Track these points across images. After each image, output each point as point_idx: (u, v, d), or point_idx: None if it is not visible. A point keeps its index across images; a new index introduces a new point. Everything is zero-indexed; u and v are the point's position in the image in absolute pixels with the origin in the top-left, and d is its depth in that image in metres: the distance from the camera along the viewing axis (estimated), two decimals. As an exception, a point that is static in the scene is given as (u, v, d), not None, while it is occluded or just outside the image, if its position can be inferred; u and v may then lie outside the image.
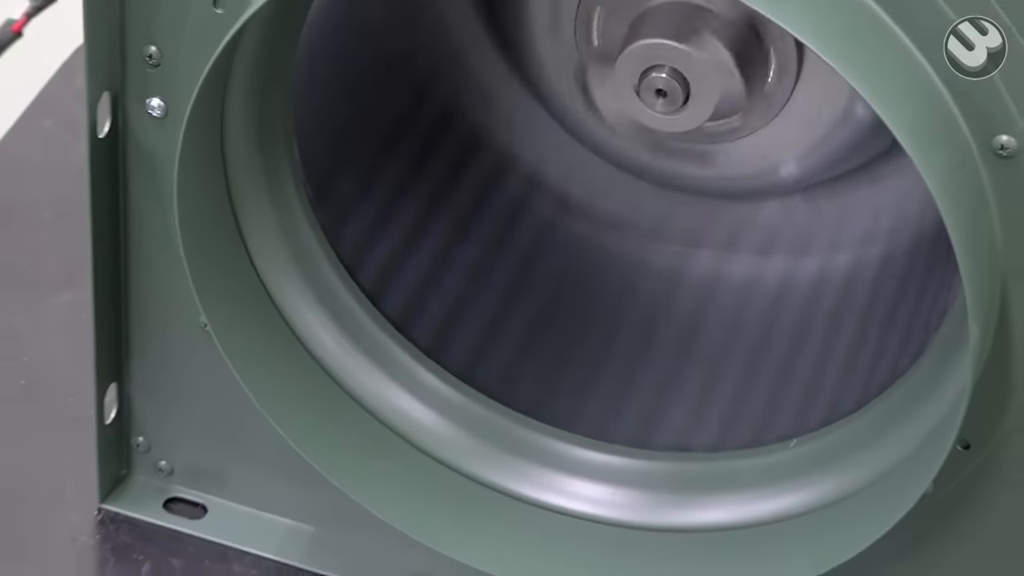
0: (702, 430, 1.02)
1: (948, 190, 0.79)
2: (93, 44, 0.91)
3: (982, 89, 0.80)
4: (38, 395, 1.10)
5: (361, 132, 1.05)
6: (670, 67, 0.91)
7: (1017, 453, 0.88)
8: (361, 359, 1.00)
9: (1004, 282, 0.84)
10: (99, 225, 0.96)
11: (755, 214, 1.08)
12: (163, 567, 1.02)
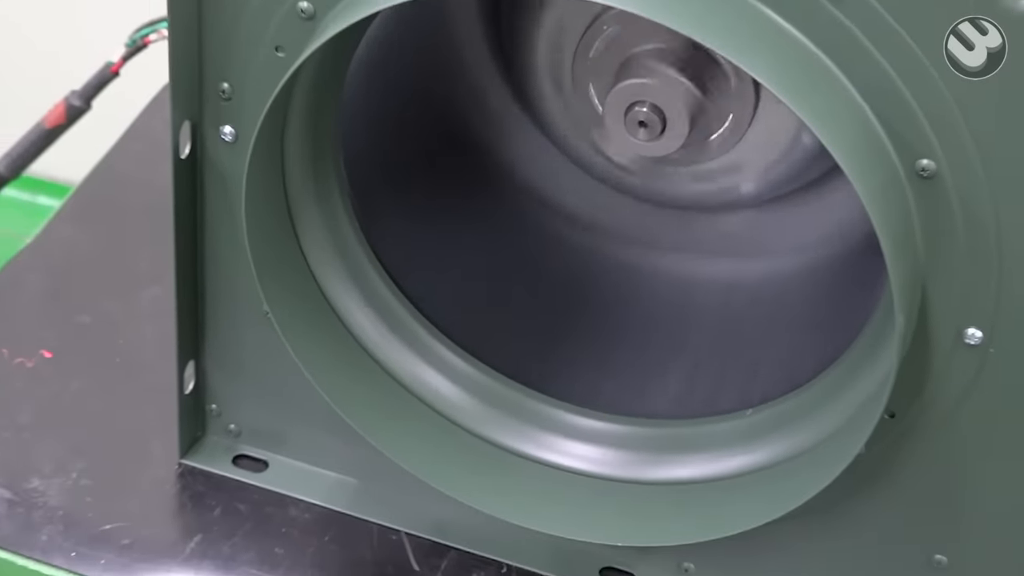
0: (672, 400, 1.01)
1: (879, 205, 0.79)
2: (176, 81, 0.91)
3: (907, 119, 0.80)
4: (131, 370, 1.10)
5: (395, 153, 1.04)
6: (649, 103, 0.91)
7: (933, 422, 0.88)
8: (393, 340, 1.00)
9: (924, 281, 0.84)
10: (181, 231, 0.97)
11: (718, 223, 1.07)
12: (231, 511, 1.03)
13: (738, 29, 0.79)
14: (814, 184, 1.02)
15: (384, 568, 1.00)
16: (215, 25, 0.90)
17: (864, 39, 0.79)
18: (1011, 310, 0.84)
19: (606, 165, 1.07)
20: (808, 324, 1.02)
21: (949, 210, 0.81)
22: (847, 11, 0.78)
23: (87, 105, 1.15)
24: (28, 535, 1.00)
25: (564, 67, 1.01)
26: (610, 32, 0.96)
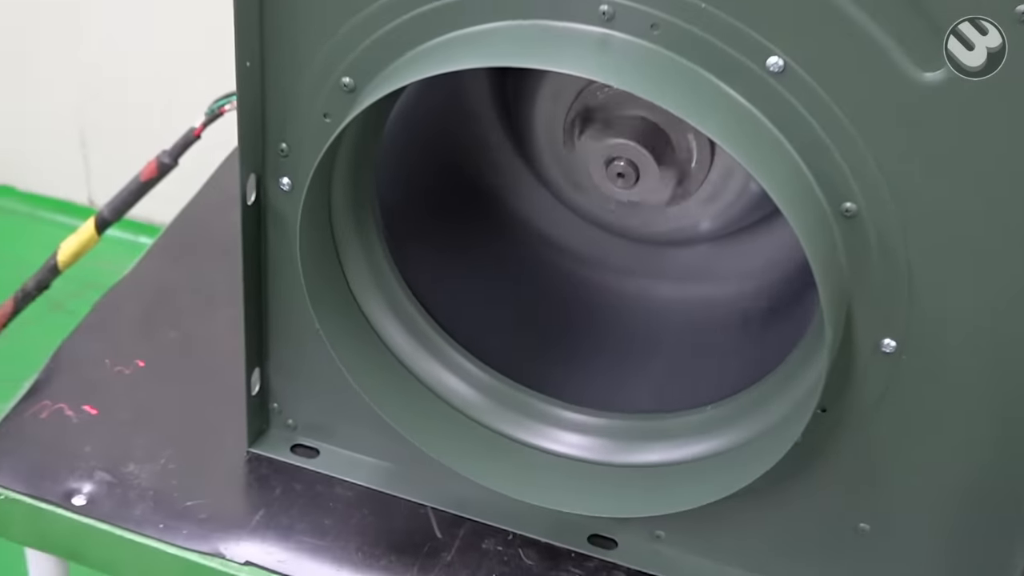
0: (645, 397, 1.01)
1: (812, 240, 0.80)
2: (244, 142, 0.92)
3: (833, 170, 0.80)
4: (209, 376, 1.11)
5: (421, 198, 1.04)
6: (626, 159, 0.91)
7: (856, 415, 0.88)
8: (420, 350, 1.00)
9: (848, 300, 0.84)
10: (248, 263, 0.97)
11: (682, 255, 1.07)
12: (289, 490, 1.03)
13: (699, 99, 0.80)
14: (759, 223, 1.02)
15: (413, 536, 1.00)
16: (275, 97, 0.91)
17: (800, 107, 0.79)
18: (918, 324, 0.84)
19: (591, 208, 1.07)
20: (755, 335, 1.01)
21: (867, 242, 0.82)
22: (786, 85, 0.79)
23: (174, 162, 1.16)
24: (124, 511, 1.00)
25: (557, 129, 1.01)
26: (595, 100, 0.96)
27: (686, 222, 1.03)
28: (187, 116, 1.15)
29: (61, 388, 1.09)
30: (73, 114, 2.41)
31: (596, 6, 0.80)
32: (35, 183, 2.51)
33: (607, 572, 0.99)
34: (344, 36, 0.86)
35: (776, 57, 0.78)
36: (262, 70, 0.90)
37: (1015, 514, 0.88)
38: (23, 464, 1.03)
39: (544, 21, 0.81)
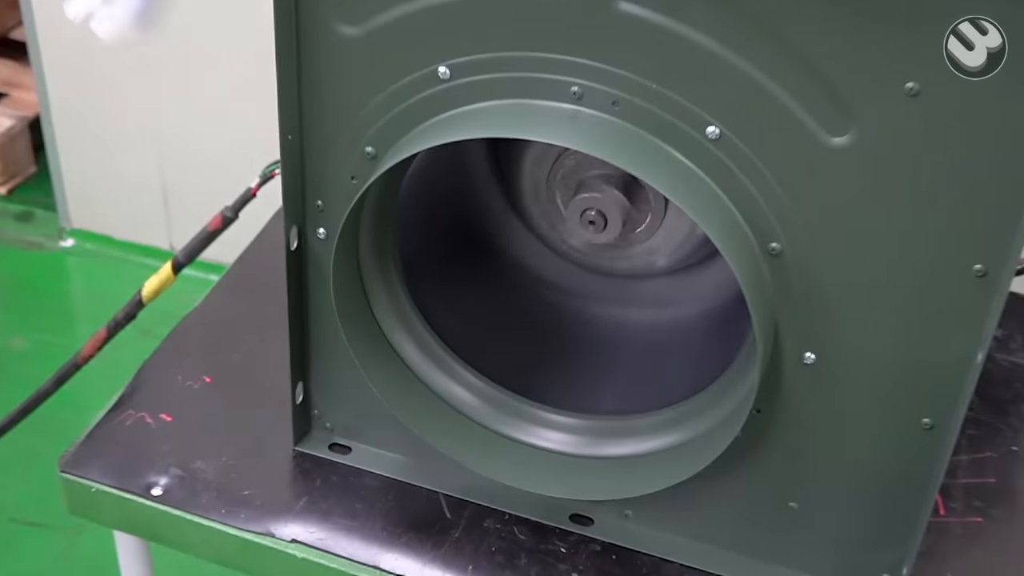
0: (614, 402, 1.00)
1: (746, 274, 0.80)
2: (288, 200, 0.92)
3: (762, 217, 0.80)
4: (263, 389, 1.10)
5: (431, 242, 1.04)
6: (596, 209, 0.91)
7: (785, 414, 0.88)
8: (431, 365, 1.00)
9: (776, 321, 0.84)
10: (292, 297, 0.97)
11: (643, 285, 1.07)
12: (327, 481, 1.02)
13: (652, 161, 0.80)
14: (704, 260, 1.01)
15: (427, 517, 1.00)
16: (311, 164, 0.91)
17: (733, 167, 0.80)
18: (832, 340, 0.84)
19: (568, 249, 1.06)
20: (704, 350, 1.01)
21: (790, 275, 0.82)
22: (722, 149, 0.79)
23: (235, 215, 1.14)
24: (193, 499, 1.00)
25: (540, 186, 1.01)
26: (570, 163, 0.96)
27: (646, 260, 1.02)
28: (245, 177, 1.15)
29: (142, 400, 1.09)
30: (157, 177, 2.41)
31: (568, 87, 0.80)
32: (127, 232, 2.51)
33: (585, 545, 0.98)
34: (366, 115, 0.87)
35: (713, 127, 0.78)
36: (301, 143, 0.90)
37: (914, 491, 0.88)
38: (111, 462, 1.03)
39: (527, 100, 0.82)
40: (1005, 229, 0.76)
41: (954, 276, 0.78)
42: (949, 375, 0.82)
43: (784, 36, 0.74)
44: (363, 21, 0.83)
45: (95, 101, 2.37)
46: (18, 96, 2.69)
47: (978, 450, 1.09)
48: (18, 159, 2.65)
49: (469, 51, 0.82)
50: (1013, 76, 0.71)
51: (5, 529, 1.93)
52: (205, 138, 2.31)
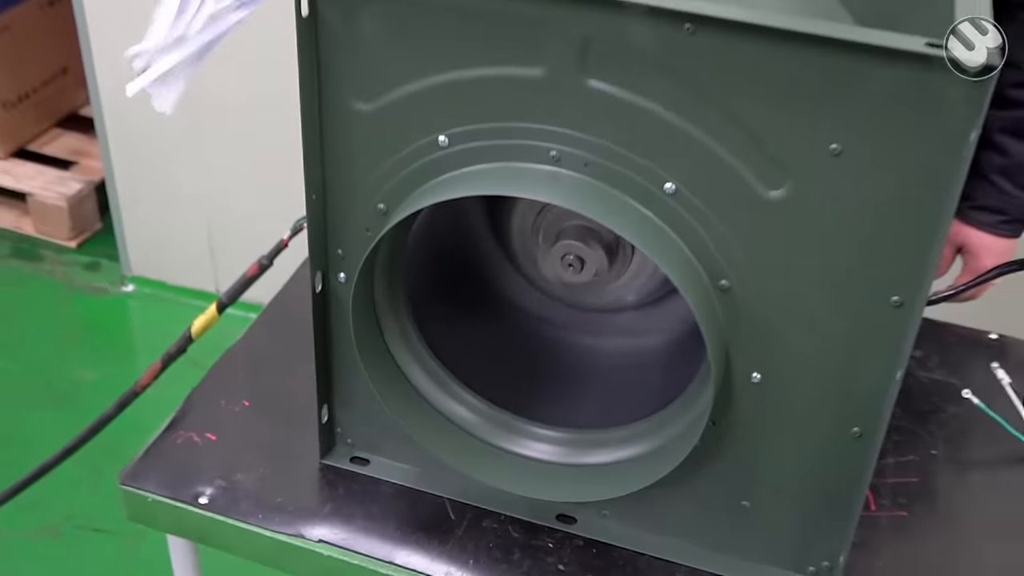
0: (591, 417, 0.99)
1: (700, 307, 0.81)
2: (313, 249, 0.93)
3: (712, 258, 0.80)
4: (293, 411, 1.09)
5: (435, 282, 1.03)
6: (574, 254, 0.92)
7: (737, 425, 0.88)
8: (436, 388, 0.99)
9: (727, 346, 0.84)
10: (318, 333, 0.97)
11: (616, 318, 1.06)
12: (349, 489, 1.02)
13: (620, 214, 0.81)
14: (665, 297, 1.01)
15: (434, 518, 0.99)
16: (333, 219, 0.91)
17: (688, 217, 0.80)
18: (776, 362, 0.84)
19: (551, 288, 1.06)
20: (667, 372, 1.00)
21: (738, 307, 0.82)
22: (678, 202, 0.79)
23: (271, 263, 1.14)
24: (234, 506, 1.00)
25: (527, 235, 1.01)
26: (551, 216, 0.96)
27: (617, 297, 1.02)
28: (278, 231, 1.15)
29: (191, 422, 1.09)
30: (204, 231, 2.41)
31: (547, 152, 0.81)
32: (179, 278, 2.51)
33: (569, 540, 0.98)
34: (378, 178, 0.87)
35: (670, 183, 0.79)
36: (324, 201, 0.90)
37: (847, 490, 0.87)
38: (165, 476, 1.03)
39: (513, 163, 0.82)
40: (917, 266, 0.76)
41: (875, 306, 0.78)
42: (874, 390, 0.82)
43: (727, 107, 0.75)
44: (375, 99, 0.84)
45: (151, 167, 2.38)
46: (86, 164, 2.70)
47: (903, 454, 1.08)
48: (86, 217, 2.65)
49: (464, 123, 0.82)
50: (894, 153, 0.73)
51: (75, 535, 1.93)
52: (245, 197, 2.31)
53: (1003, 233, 1.25)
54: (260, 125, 2.20)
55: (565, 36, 0.76)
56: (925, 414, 1.14)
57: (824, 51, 0.70)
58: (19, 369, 2.28)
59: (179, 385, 1.17)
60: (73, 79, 2.75)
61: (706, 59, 0.73)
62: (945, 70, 0.68)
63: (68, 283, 2.54)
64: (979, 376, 1.14)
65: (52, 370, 2.28)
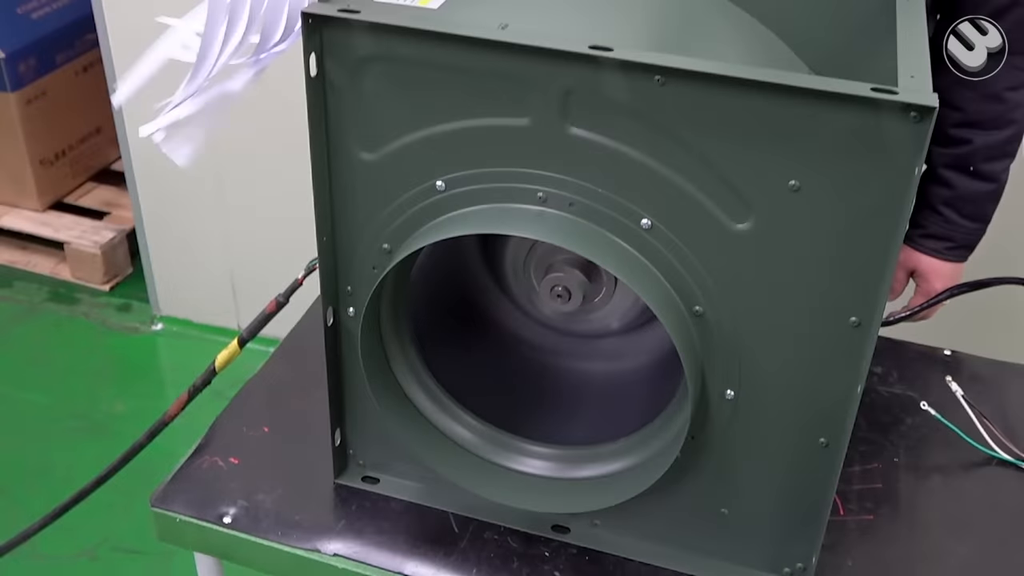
0: (581, 434, 0.99)
1: (676, 331, 0.81)
2: (325, 286, 0.93)
3: (687, 286, 0.80)
4: (309, 435, 1.09)
5: (435, 313, 1.02)
6: (562, 286, 0.92)
7: (713, 439, 0.88)
8: (438, 410, 0.98)
9: (702, 366, 0.84)
10: (330, 361, 0.97)
11: (601, 343, 1.06)
12: (360, 506, 1.02)
13: (601, 248, 0.81)
14: (646, 323, 1.01)
15: (439, 532, 0.99)
16: (342, 258, 0.91)
17: (663, 249, 0.80)
18: (747, 379, 0.84)
19: (542, 316, 1.05)
20: (649, 392, 0.99)
21: (711, 330, 0.82)
22: (653, 236, 0.80)
23: (287, 300, 1.13)
24: (255, 524, 1.00)
25: (519, 269, 1.01)
26: (540, 251, 0.97)
27: (603, 324, 1.02)
28: (293, 270, 1.14)
29: (216, 447, 1.09)
30: (227, 273, 2.42)
31: (535, 193, 0.81)
32: (203, 316, 2.50)
33: (564, 549, 0.98)
34: (382, 220, 0.87)
35: (646, 219, 0.79)
36: (333, 242, 0.90)
37: (817, 496, 0.87)
38: (191, 497, 1.03)
39: (504, 204, 0.83)
40: (872, 289, 0.77)
41: (836, 326, 0.79)
42: (837, 403, 0.82)
43: (696, 149, 0.75)
44: (378, 149, 0.85)
45: (178, 215, 2.39)
46: (118, 214, 2.71)
47: (868, 462, 1.08)
48: (118, 263, 2.66)
49: (459, 168, 0.83)
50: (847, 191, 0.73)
51: (110, 557, 1.92)
52: (263, 240, 2.32)
53: (951, 258, 1.26)
54: (275, 174, 2.21)
55: (548, 89, 0.77)
56: (887, 425, 1.14)
57: (781, 98, 0.71)
58: (56, 403, 2.27)
59: (204, 414, 1.16)
60: (106, 137, 2.77)
61: (675, 107, 0.74)
62: (890, 112, 0.69)
63: (102, 324, 2.54)
64: (935, 389, 1.15)
65: (87, 404, 2.28)
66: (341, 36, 0.80)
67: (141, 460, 1.24)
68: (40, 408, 2.26)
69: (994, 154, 1.20)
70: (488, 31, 0.77)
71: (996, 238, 1.31)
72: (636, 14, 0.90)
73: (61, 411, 2.25)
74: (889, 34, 0.83)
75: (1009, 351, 1.27)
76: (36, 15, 2.59)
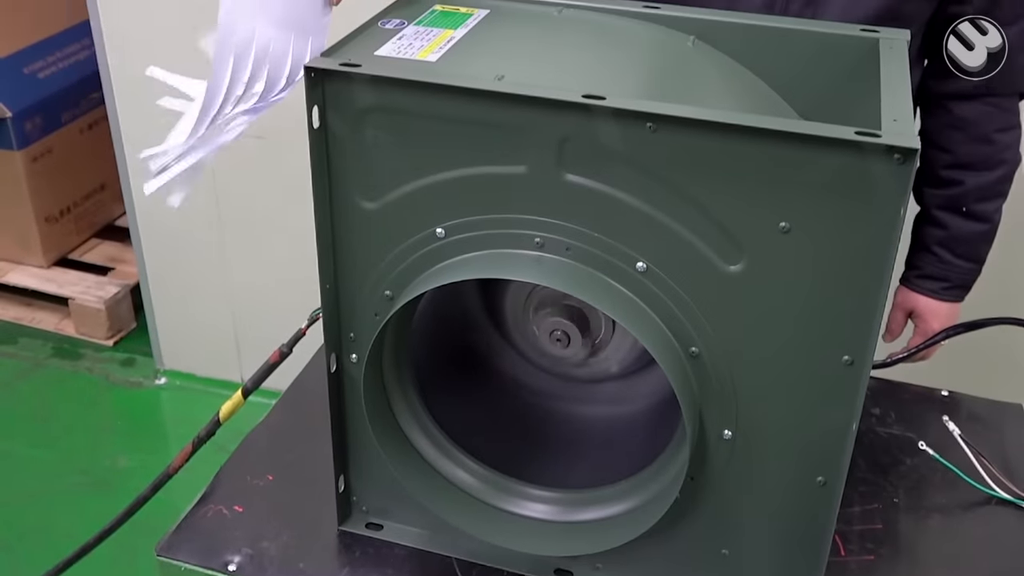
0: (582, 478, 0.99)
1: (674, 373, 0.81)
2: (328, 334, 0.93)
3: (683, 328, 0.81)
4: (312, 482, 1.09)
5: (436, 358, 1.02)
6: (560, 330, 0.93)
7: (712, 479, 0.88)
8: (440, 455, 0.99)
9: (700, 407, 0.84)
10: (334, 408, 0.98)
11: (602, 387, 1.06)
12: (364, 552, 1.02)
13: (599, 291, 0.82)
14: (644, 367, 1.02)
15: None
16: (345, 306, 0.92)
17: (659, 292, 0.81)
18: (744, 419, 0.84)
19: (542, 361, 1.06)
20: (648, 435, 0.99)
21: (707, 371, 0.83)
22: (649, 279, 0.81)
23: (290, 351, 1.13)
24: (260, 572, 1.00)
25: (519, 314, 1.02)
26: (538, 296, 0.98)
27: (602, 368, 1.03)
28: (296, 320, 1.14)
29: (220, 496, 1.09)
30: (230, 326, 2.43)
31: (533, 239, 0.83)
32: (206, 370, 2.52)
33: (567, 592, 0.97)
34: (384, 267, 0.89)
35: (641, 262, 0.80)
36: (336, 290, 0.91)
37: (816, 534, 0.87)
38: (196, 546, 1.03)
39: (503, 250, 0.84)
40: (863, 327, 0.78)
41: (829, 365, 0.80)
42: (833, 441, 0.82)
43: (688, 193, 0.77)
44: (379, 198, 0.86)
45: (181, 270, 2.41)
46: (122, 269, 2.74)
47: (868, 503, 1.08)
48: (122, 318, 2.68)
49: (458, 216, 0.84)
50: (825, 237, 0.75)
51: (114, 610, 1.91)
52: (265, 293, 2.34)
53: (948, 298, 1.28)
54: (277, 229, 2.24)
55: (543, 137, 0.79)
56: (886, 466, 1.14)
57: (769, 142, 0.73)
58: (59, 459, 2.28)
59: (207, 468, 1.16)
60: (111, 194, 2.81)
61: (667, 152, 0.76)
62: (874, 154, 0.71)
63: (105, 379, 2.56)
64: (933, 430, 1.15)
65: (89, 459, 2.28)
66: (343, 89, 0.82)
67: (144, 514, 1.24)
68: (43, 464, 2.27)
69: (986, 194, 1.22)
70: (485, 82, 0.79)
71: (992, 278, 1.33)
72: (628, 62, 0.93)
73: (64, 467, 2.26)
74: (873, 80, 0.86)
75: (1006, 391, 1.28)
76: (42, 75, 2.65)
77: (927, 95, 1.23)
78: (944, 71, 1.20)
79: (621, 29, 0.98)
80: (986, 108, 1.19)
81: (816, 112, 0.89)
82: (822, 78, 0.95)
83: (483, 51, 0.90)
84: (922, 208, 1.28)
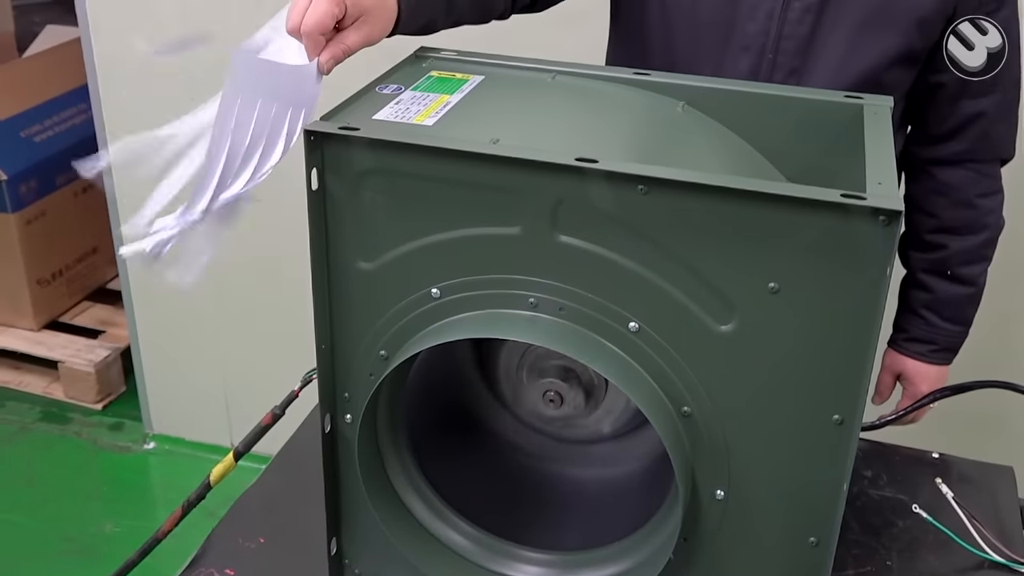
0: (574, 539, 0.98)
1: (666, 432, 0.82)
2: (323, 394, 0.93)
3: (675, 388, 0.82)
4: (305, 545, 1.08)
5: (429, 418, 1.02)
6: (555, 390, 0.94)
7: (704, 539, 0.88)
8: (433, 517, 0.98)
9: (692, 466, 0.85)
10: (328, 470, 0.97)
11: (594, 449, 1.06)
12: None
13: (592, 351, 0.83)
14: (637, 428, 1.02)
15: None
16: (340, 366, 0.92)
17: (651, 352, 0.82)
18: (737, 478, 0.84)
19: (536, 423, 1.06)
20: (641, 495, 0.99)
21: (700, 431, 0.83)
22: (641, 339, 0.81)
23: (283, 412, 1.14)
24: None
25: (512, 375, 1.02)
26: (532, 357, 0.99)
27: (595, 429, 1.03)
28: (288, 383, 1.16)
29: (211, 558, 1.08)
30: (221, 390, 2.43)
31: (527, 299, 0.84)
32: (197, 435, 2.51)
33: (563, 654, 0.96)
34: (379, 327, 0.89)
35: (633, 322, 0.81)
36: (332, 349, 0.91)
37: None
38: None
39: (495, 310, 0.85)
40: (852, 386, 0.79)
41: (819, 424, 0.80)
42: (825, 500, 0.82)
43: (679, 254, 0.79)
44: (375, 259, 0.87)
45: (172, 333, 2.42)
46: (112, 332, 2.74)
47: (861, 565, 1.08)
48: (111, 381, 2.67)
49: (453, 276, 0.85)
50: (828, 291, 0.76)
51: None
52: (257, 359, 2.35)
53: (935, 361, 1.30)
54: (269, 289, 2.25)
55: (538, 199, 0.80)
56: (879, 528, 1.14)
57: (757, 204, 0.75)
58: (45, 526, 2.25)
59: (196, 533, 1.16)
60: (103, 257, 2.83)
61: (658, 214, 0.78)
62: (860, 216, 0.73)
63: (93, 443, 2.54)
64: (925, 492, 1.16)
65: (76, 526, 2.25)
66: (342, 152, 0.84)
67: (133, 580, 1.23)
68: (28, 530, 2.24)
69: (970, 258, 1.25)
70: (480, 146, 0.81)
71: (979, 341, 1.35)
72: (620, 127, 0.95)
73: (50, 534, 2.23)
74: (858, 145, 0.88)
75: (996, 454, 1.29)
76: (39, 138, 2.68)
77: (911, 161, 1.26)
78: (927, 137, 1.23)
79: (613, 95, 1.01)
80: (968, 174, 1.22)
81: (803, 176, 0.91)
82: (808, 143, 0.97)
83: (478, 115, 0.93)
84: (908, 272, 1.30)
